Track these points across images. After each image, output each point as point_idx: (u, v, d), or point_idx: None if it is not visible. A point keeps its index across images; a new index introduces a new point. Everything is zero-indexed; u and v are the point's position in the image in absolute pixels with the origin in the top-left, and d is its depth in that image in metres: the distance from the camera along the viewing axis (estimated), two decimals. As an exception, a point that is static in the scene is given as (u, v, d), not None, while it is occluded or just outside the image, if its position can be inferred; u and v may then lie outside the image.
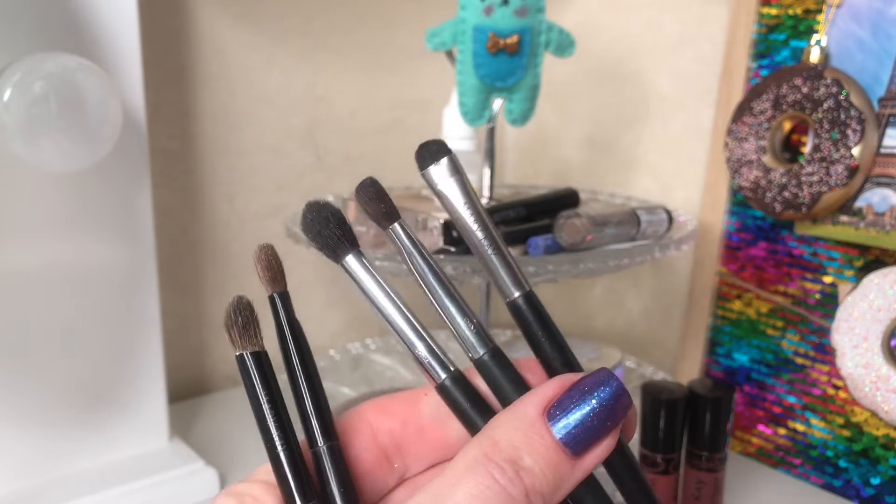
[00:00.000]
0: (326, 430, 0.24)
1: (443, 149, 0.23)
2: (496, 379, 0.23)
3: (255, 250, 0.24)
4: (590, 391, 0.22)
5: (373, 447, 0.24)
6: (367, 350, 0.75)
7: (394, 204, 0.24)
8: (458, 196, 0.23)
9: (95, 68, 0.45)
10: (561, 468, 0.21)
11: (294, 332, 0.24)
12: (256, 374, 0.24)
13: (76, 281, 0.52)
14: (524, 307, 0.23)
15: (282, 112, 0.73)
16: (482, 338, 0.23)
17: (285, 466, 0.23)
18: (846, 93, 0.53)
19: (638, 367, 0.71)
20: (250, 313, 0.24)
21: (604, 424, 0.21)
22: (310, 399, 0.24)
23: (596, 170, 0.80)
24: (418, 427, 0.25)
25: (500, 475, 0.20)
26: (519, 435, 0.21)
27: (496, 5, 0.53)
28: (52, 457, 0.53)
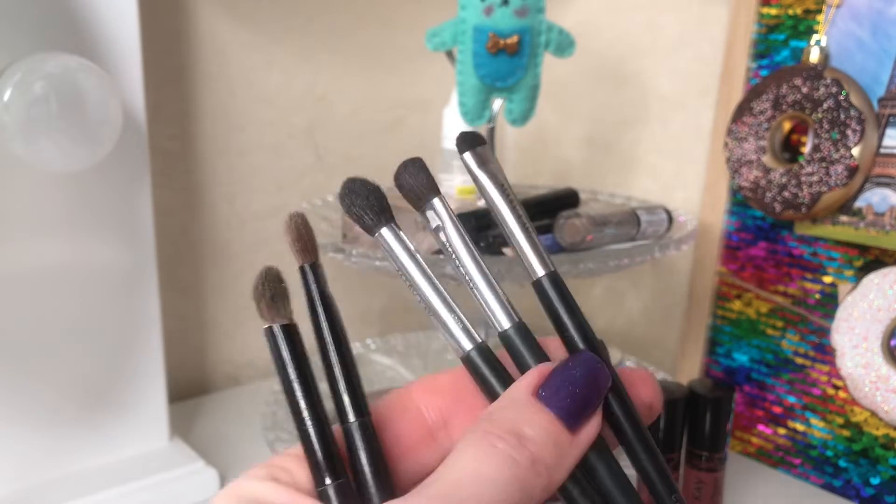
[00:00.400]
0: (358, 406, 0.23)
1: (480, 138, 0.25)
2: (519, 352, 0.24)
3: (285, 219, 0.24)
4: (571, 368, 0.23)
5: (418, 424, 0.25)
6: (368, 350, 0.75)
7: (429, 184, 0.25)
8: (493, 181, 0.25)
9: (95, 68, 0.45)
10: (561, 439, 0.22)
11: (326, 304, 0.24)
12: (286, 347, 0.23)
13: (76, 281, 0.52)
14: (549, 286, 0.25)
15: (282, 112, 0.73)
16: (508, 312, 0.24)
17: (314, 442, 0.22)
18: (846, 93, 0.53)
19: (638, 367, 0.71)
20: (279, 284, 0.23)
21: (589, 398, 0.22)
22: (342, 375, 0.23)
23: (596, 170, 0.80)
24: (466, 404, 0.25)
25: (503, 444, 0.21)
26: (515, 412, 0.22)
27: (496, 5, 0.53)
28: (52, 457, 0.53)
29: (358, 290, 0.80)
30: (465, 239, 0.24)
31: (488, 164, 0.25)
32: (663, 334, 0.75)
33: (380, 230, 0.24)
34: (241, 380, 0.75)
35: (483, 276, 0.24)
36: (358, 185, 0.24)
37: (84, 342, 0.53)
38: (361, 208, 0.24)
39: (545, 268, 0.25)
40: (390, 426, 0.24)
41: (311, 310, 0.24)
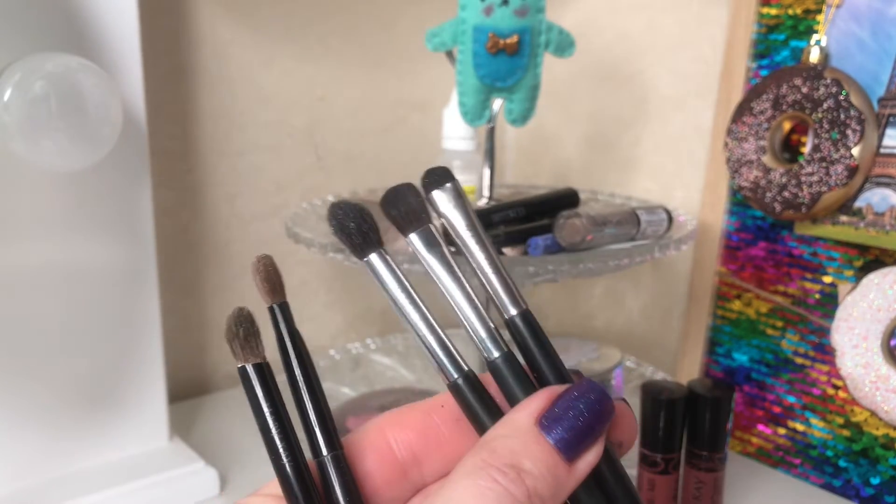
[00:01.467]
0: (330, 439, 0.24)
1: (447, 175, 0.25)
2: (507, 382, 0.24)
3: (253, 262, 0.25)
4: (577, 399, 0.23)
5: (389, 462, 0.25)
6: (367, 350, 0.75)
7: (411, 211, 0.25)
8: (461, 219, 0.25)
9: (95, 68, 0.45)
10: (559, 472, 0.22)
11: (295, 342, 0.25)
12: (259, 386, 0.23)
13: (76, 281, 0.52)
14: (521, 325, 0.24)
15: (282, 112, 0.73)
16: (496, 341, 0.24)
17: (291, 478, 0.23)
18: (846, 93, 0.53)
19: (638, 367, 0.71)
20: (251, 325, 0.24)
21: (592, 429, 0.22)
22: (313, 409, 0.24)
23: (596, 170, 0.80)
24: (436, 439, 0.25)
25: (501, 477, 0.21)
26: (516, 442, 0.22)
27: (496, 5, 0.53)
28: (52, 457, 0.53)
29: (358, 290, 0.80)
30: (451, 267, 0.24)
31: (458, 201, 0.25)
32: (663, 334, 0.75)
33: (368, 256, 0.24)
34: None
35: (470, 302, 0.24)
36: (343, 211, 0.25)
37: (84, 342, 0.53)
38: (349, 233, 0.24)
39: (517, 307, 0.24)
40: (361, 463, 0.24)
41: (280, 348, 0.25)
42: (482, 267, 0.25)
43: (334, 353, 0.73)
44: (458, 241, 0.25)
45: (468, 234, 0.25)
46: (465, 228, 0.25)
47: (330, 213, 0.25)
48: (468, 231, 0.25)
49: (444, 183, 0.25)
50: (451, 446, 0.25)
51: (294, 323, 0.25)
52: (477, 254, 0.25)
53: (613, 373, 0.59)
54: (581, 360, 0.60)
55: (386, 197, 0.25)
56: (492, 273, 0.25)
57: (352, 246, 0.24)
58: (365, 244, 0.24)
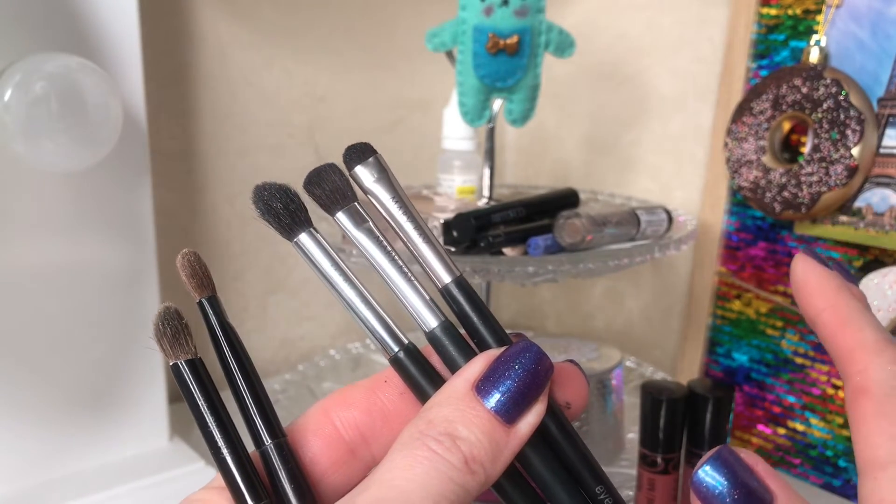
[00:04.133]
0: (271, 428, 0.24)
1: (369, 149, 0.25)
2: (447, 351, 0.24)
3: (178, 258, 0.25)
4: (512, 360, 0.22)
5: (335, 443, 0.24)
6: (367, 350, 0.75)
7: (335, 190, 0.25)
8: (387, 192, 0.24)
9: (96, 68, 0.45)
10: (496, 435, 0.21)
11: (227, 335, 0.24)
12: (193, 381, 0.23)
13: (77, 281, 0.52)
14: (456, 292, 0.24)
15: (282, 112, 0.73)
16: (433, 311, 0.24)
17: (232, 468, 0.23)
18: (846, 93, 0.53)
19: (638, 367, 0.71)
20: (179, 321, 0.24)
21: (530, 389, 0.22)
22: (251, 400, 0.24)
23: (596, 170, 0.80)
24: (382, 415, 0.25)
25: (436, 446, 0.21)
26: (452, 410, 0.22)
27: (496, 6, 0.53)
28: (52, 457, 0.53)
29: (358, 290, 0.80)
30: (381, 242, 0.24)
31: (382, 174, 0.25)
32: (663, 334, 0.75)
33: (297, 237, 0.24)
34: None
35: (403, 275, 0.24)
36: (264, 191, 0.24)
37: (84, 342, 0.53)
38: (276, 213, 0.24)
39: (451, 274, 0.24)
40: (307, 447, 0.24)
41: (213, 342, 0.24)
42: (411, 239, 0.24)
43: (334, 353, 0.73)
44: (386, 214, 0.24)
45: (395, 207, 0.24)
46: (390, 201, 0.24)
47: (255, 196, 0.24)
48: (394, 203, 0.24)
49: (366, 157, 0.25)
50: (398, 421, 0.25)
51: (225, 315, 0.25)
52: (405, 225, 0.24)
53: (613, 373, 0.59)
54: (581, 360, 0.60)
55: (309, 178, 0.24)
56: (422, 243, 0.24)
57: (280, 227, 0.24)
58: (294, 224, 0.24)
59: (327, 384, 0.69)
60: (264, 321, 0.75)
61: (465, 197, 0.63)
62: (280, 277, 0.75)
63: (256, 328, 0.75)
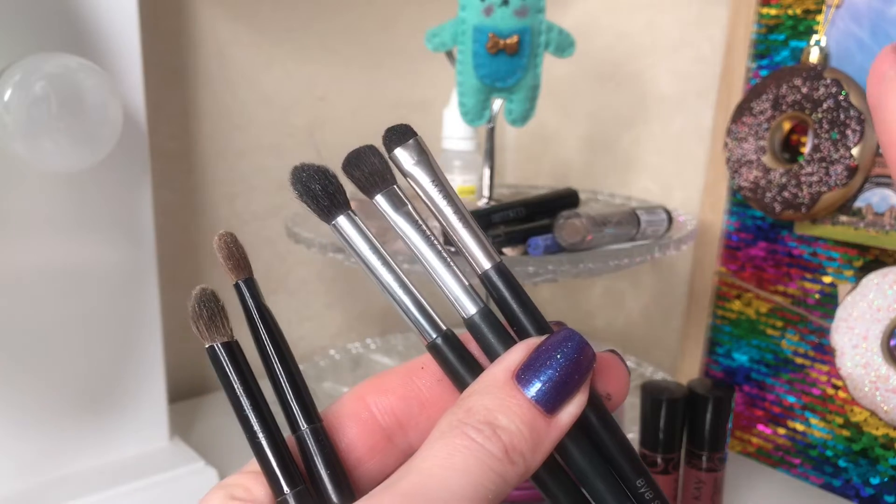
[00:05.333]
0: (308, 412, 0.23)
1: (409, 131, 0.24)
2: (486, 338, 0.23)
3: (214, 239, 0.24)
4: (554, 349, 0.22)
5: (372, 429, 0.24)
6: (367, 350, 0.75)
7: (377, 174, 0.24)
8: (427, 176, 0.24)
9: (96, 68, 0.45)
10: (537, 425, 0.21)
11: (264, 318, 0.24)
12: (229, 364, 0.23)
13: (77, 281, 0.52)
14: (496, 278, 0.24)
15: (282, 112, 0.73)
16: (473, 297, 0.23)
17: (268, 453, 0.22)
18: (846, 93, 0.53)
19: (638, 367, 0.71)
20: (215, 303, 0.23)
21: (572, 378, 0.22)
22: (288, 384, 0.23)
23: (596, 170, 0.80)
24: (419, 401, 0.24)
25: (476, 435, 0.20)
26: (492, 399, 0.21)
27: (496, 5, 0.53)
28: (52, 457, 0.53)
29: (358, 290, 0.80)
30: (420, 227, 0.23)
31: (422, 157, 0.24)
32: (663, 334, 0.75)
33: (335, 219, 0.23)
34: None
35: (442, 260, 0.23)
36: (303, 173, 0.24)
37: (84, 342, 0.53)
38: (314, 195, 0.23)
39: (491, 260, 0.24)
40: (343, 433, 0.24)
41: (250, 325, 0.24)
42: (451, 223, 0.24)
43: (334, 353, 0.73)
44: (425, 198, 0.24)
45: (435, 191, 0.24)
46: (430, 185, 0.24)
47: (293, 177, 0.24)
48: (434, 187, 0.24)
49: (406, 140, 0.24)
50: (435, 408, 0.24)
51: (262, 298, 0.24)
52: (445, 209, 0.24)
53: (613, 373, 0.59)
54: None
55: (348, 160, 0.24)
56: (462, 228, 0.24)
57: (318, 209, 0.23)
58: (332, 206, 0.23)
59: (327, 384, 0.69)
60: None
61: (465, 197, 0.63)
62: (280, 277, 0.75)
63: (256, 328, 0.75)
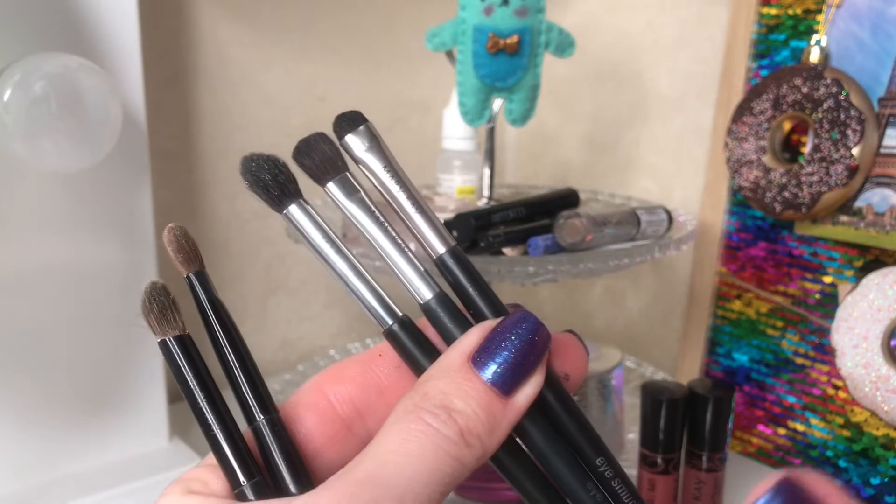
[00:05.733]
0: (263, 404, 0.23)
1: (359, 118, 0.24)
2: (443, 323, 0.23)
3: (164, 232, 0.24)
4: (509, 330, 0.22)
5: (330, 419, 0.24)
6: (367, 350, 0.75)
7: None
8: (379, 161, 0.24)
9: (95, 68, 0.45)
10: (493, 407, 0.21)
11: (216, 310, 0.24)
12: (182, 358, 0.23)
13: (76, 281, 0.52)
14: (451, 262, 0.23)
15: (282, 112, 0.73)
16: (428, 282, 0.23)
17: (223, 445, 0.22)
18: (846, 93, 0.53)
19: (638, 367, 0.71)
20: (166, 297, 0.23)
21: (527, 359, 0.22)
22: (243, 376, 0.23)
23: (596, 170, 0.80)
24: (377, 389, 0.24)
25: (431, 419, 0.20)
26: (447, 383, 0.21)
27: (496, 5, 0.53)
28: (52, 457, 0.53)
29: (358, 290, 0.80)
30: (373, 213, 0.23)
31: (374, 143, 0.24)
32: (663, 334, 0.75)
33: (287, 207, 0.23)
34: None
35: (397, 247, 0.23)
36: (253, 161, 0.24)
37: (84, 342, 0.53)
38: (264, 185, 0.23)
39: (445, 244, 0.23)
40: (301, 424, 0.24)
41: (202, 317, 0.24)
42: (404, 208, 0.23)
43: (334, 353, 0.73)
44: (378, 184, 0.24)
45: (387, 176, 0.23)
46: (382, 170, 0.23)
47: (243, 167, 0.24)
48: (387, 172, 0.23)
49: (357, 126, 0.24)
50: (394, 395, 0.24)
51: (214, 290, 0.24)
52: (398, 195, 0.23)
53: (613, 373, 0.59)
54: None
55: (298, 148, 0.24)
56: (415, 213, 0.23)
57: (269, 199, 0.23)
58: (283, 196, 0.23)
59: (327, 384, 0.68)
60: (264, 321, 0.75)
61: (465, 197, 0.63)
62: (280, 277, 0.75)
63: (256, 328, 0.75)
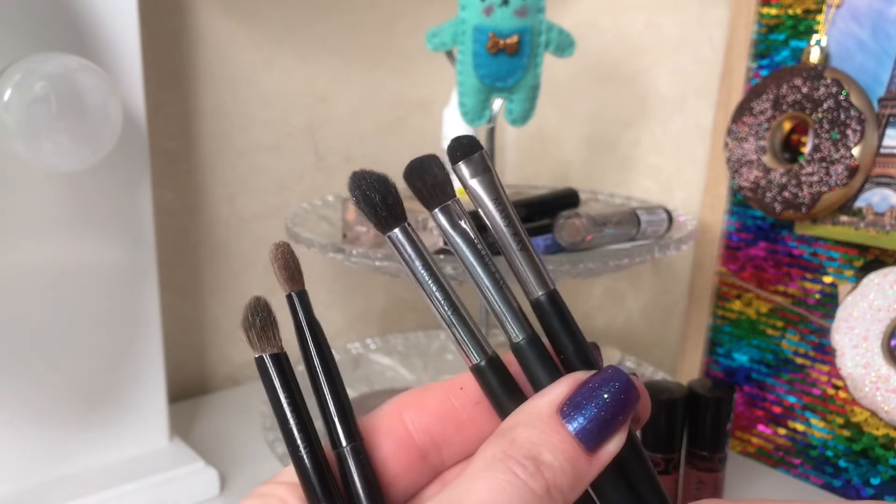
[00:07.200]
0: (349, 430, 0.23)
1: (475, 145, 0.23)
2: (531, 366, 0.23)
3: (271, 248, 0.24)
4: (600, 387, 0.22)
5: (407, 447, 0.24)
6: (367, 350, 0.75)
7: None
8: (488, 192, 0.23)
9: (95, 68, 0.45)
10: (579, 463, 0.21)
11: (314, 331, 0.24)
12: (277, 376, 0.23)
13: (76, 281, 0.52)
14: (548, 306, 0.23)
15: (282, 112, 0.73)
16: (521, 322, 0.23)
17: (309, 468, 0.22)
18: (846, 93, 0.53)
19: (638, 367, 0.71)
20: (268, 314, 0.23)
21: (616, 419, 0.22)
22: (332, 400, 0.24)
23: (596, 170, 0.80)
24: (456, 422, 0.24)
25: (520, 471, 0.20)
26: (536, 433, 0.21)
27: (496, 5, 0.53)
28: (52, 457, 0.53)
29: (358, 290, 0.80)
30: (475, 245, 0.23)
31: (486, 174, 0.23)
32: (663, 334, 0.75)
33: (392, 230, 0.23)
34: (240, 380, 0.75)
35: (495, 282, 0.23)
36: (367, 178, 0.23)
37: (84, 342, 0.53)
38: (373, 205, 0.23)
39: (544, 287, 0.23)
40: (379, 449, 0.24)
41: (299, 337, 0.24)
42: (509, 245, 0.23)
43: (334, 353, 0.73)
44: (484, 214, 0.23)
45: (495, 209, 0.23)
46: (491, 202, 0.23)
47: (353, 182, 0.23)
48: (495, 206, 0.23)
49: (472, 153, 0.23)
50: (472, 430, 0.24)
51: (313, 312, 0.24)
52: (504, 230, 0.23)
53: (613, 373, 0.59)
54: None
55: (411, 168, 0.23)
56: (518, 251, 0.23)
57: (376, 219, 0.23)
58: (390, 218, 0.23)
59: (327, 384, 0.68)
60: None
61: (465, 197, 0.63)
62: (280, 277, 0.74)
63: (256, 328, 0.75)
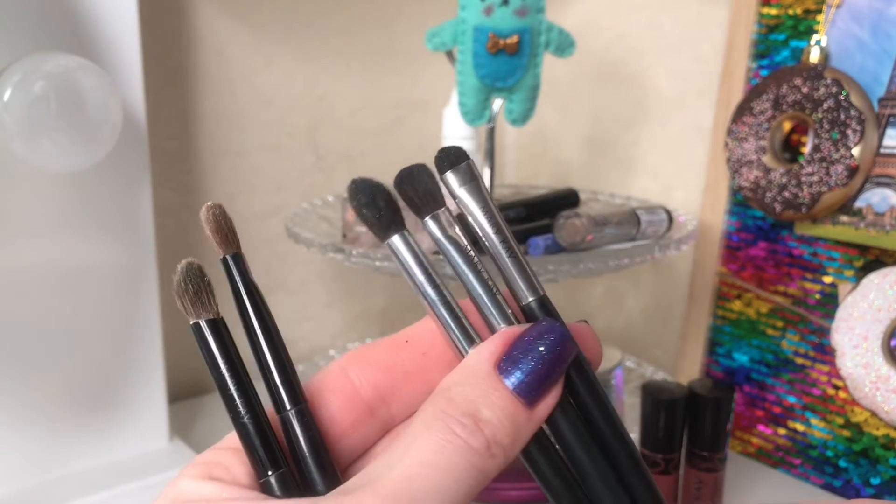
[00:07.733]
0: (293, 394, 0.23)
1: (462, 154, 0.24)
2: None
3: (202, 211, 0.23)
4: (536, 340, 0.22)
5: (354, 403, 0.24)
6: (367, 350, 0.75)
7: None
8: (476, 201, 0.24)
9: (95, 68, 0.45)
10: (518, 418, 0.21)
11: (252, 295, 0.23)
12: (214, 341, 0.22)
13: (76, 281, 0.52)
14: (538, 310, 0.24)
15: (282, 112, 0.73)
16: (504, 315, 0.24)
17: (252, 434, 0.22)
18: (846, 93, 0.53)
19: (638, 367, 0.71)
20: (201, 278, 0.23)
21: (553, 371, 0.22)
22: (274, 363, 0.23)
23: (596, 170, 0.80)
24: (403, 374, 0.24)
25: (459, 429, 0.20)
26: (474, 390, 0.21)
27: (496, 5, 0.53)
28: (52, 457, 0.53)
29: (358, 290, 0.80)
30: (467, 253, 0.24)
31: (473, 182, 0.24)
32: (663, 334, 0.75)
33: (391, 237, 0.24)
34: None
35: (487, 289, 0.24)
36: (368, 186, 0.24)
37: (84, 342, 0.53)
38: (372, 211, 0.23)
39: (534, 293, 0.24)
40: (325, 408, 0.24)
41: (236, 300, 0.23)
42: (498, 251, 0.24)
43: (334, 354, 0.73)
44: (473, 221, 0.24)
45: (484, 216, 0.24)
46: (479, 210, 0.24)
47: (354, 189, 0.24)
48: (484, 213, 0.24)
49: (459, 162, 0.24)
50: (419, 381, 0.24)
51: (250, 274, 0.24)
52: (493, 237, 0.24)
53: (613, 373, 0.59)
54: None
55: (401, 177, 0.24)
56: (508, 258, 0.24)
57: (378, 226, 0.23)
58: (391, 224, 0.23)
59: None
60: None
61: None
62: (280, 277, 0.74)
63: (256, 328, 0.75)
